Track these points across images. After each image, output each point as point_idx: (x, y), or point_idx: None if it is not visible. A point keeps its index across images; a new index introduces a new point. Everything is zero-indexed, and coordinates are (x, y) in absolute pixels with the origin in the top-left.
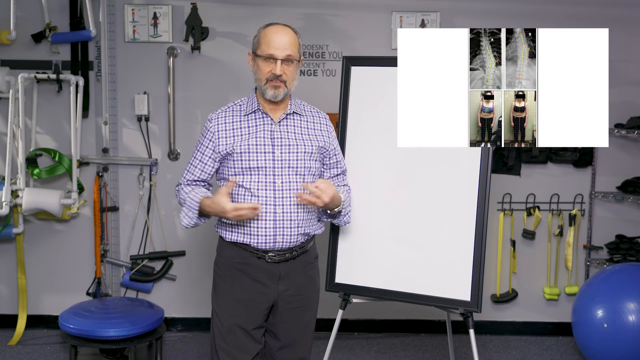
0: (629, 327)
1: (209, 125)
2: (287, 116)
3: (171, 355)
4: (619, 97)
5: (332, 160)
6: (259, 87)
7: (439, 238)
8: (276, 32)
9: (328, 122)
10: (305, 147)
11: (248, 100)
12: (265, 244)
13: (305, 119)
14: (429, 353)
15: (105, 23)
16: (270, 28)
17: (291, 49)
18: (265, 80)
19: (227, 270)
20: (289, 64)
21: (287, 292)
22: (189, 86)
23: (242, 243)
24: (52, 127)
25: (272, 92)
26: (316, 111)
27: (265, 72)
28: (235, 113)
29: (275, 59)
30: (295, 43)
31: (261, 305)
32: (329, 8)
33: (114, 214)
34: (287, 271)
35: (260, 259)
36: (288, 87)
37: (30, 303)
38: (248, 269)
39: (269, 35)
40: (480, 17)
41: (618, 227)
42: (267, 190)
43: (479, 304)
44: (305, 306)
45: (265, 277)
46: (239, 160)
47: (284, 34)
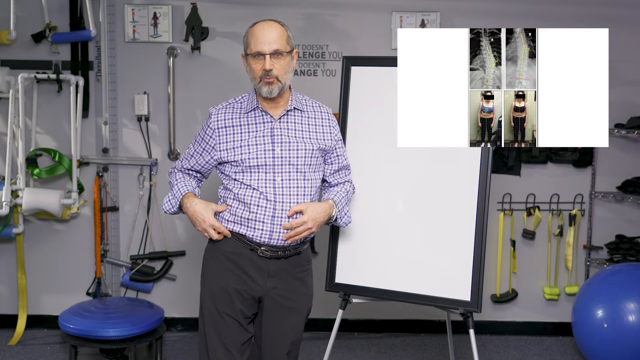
0: (629, 327)
1: (209, 121)
2: (288, 112)
3: (171, 355)
4: (619, 97)
5: (332, 155)
6: (255, 87)
7: (439, 238)
8: (262, 28)
9: (331, 116)
10: (305, 145)
11: (249, 98)
12: (261, 237)
13: (307, 115)
14: (429, 353)
15: (105, 23)
16: (255, 26)
17: (278, 42)
18: (259, 78)
19: (216, 258)
20: (278, 58)
21: (274, 290)
22: (189, 86)
23: (237, 233)
24: (52, 127)
25: (266, 88)
26: (318, 106)
27: (257, 70)
28: (235, 110)
29: (263, 55)
30: (283, 36)
31: (248, 299)
32: (329, 8)
33: (114, 214)
34: (277, 269)
35: (252, 250)
36: (282, 82)
37: (30, 303)
38: (238, 259)
39: (255, 32)
40: (480, 17)
41: (618, 227)
42: (267, 187)
43: (479, 304)
44: (292, 309)
45: (254, 271)
46: (239, 158)
47: (269, 29)
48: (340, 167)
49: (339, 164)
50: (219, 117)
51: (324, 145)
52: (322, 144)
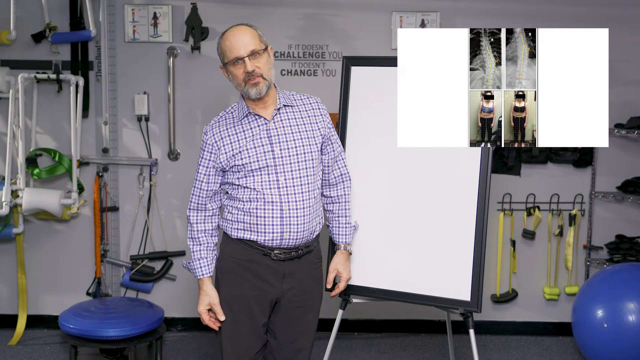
0: (629, 327)
1: (205, 138)
2: (279, 110)
3: (171, 355)
4: (619, 97)
5: (328, 143)
6: (242, 91)
7: (439, 238)
8: (233, 35)
9: (320, 105)
10: (302, 141)
11: (238, 106)
12: (272, 241)
13: (298, 109)
14: (429, 353)
15: (105, 23)
16: (225, 35)
17: (253, 42)
18: (243, 82)
19: (230, 266)
20: (256, 58)
21: (290, 291)
22: (189, 86)
23: (248, 240)
24: (52, 127)
25: (254, 89)
26: (306, 97)
27: (240, 75)
28: (228, 121)
29: (241, 59)
30: (255, 35)
31: (264, 303)
32: (329, 8)
33: (114, 214)
34: (292, 270)
35: (265, 256)
36: (267, 79)
37: (30, 303)
38: (253, 266)
39: (227, 41)
40: (480, 17)
41: (618, 227)
42: (271, 189)
43: (479, 304)
44: (308, 306)
45: (270, 275)
46: (241, 164)
47: (240, 33)
48: (336, 155)
49: (334, 151)
50: (214, 132)
51: (320, 135)
52: (317, 135)
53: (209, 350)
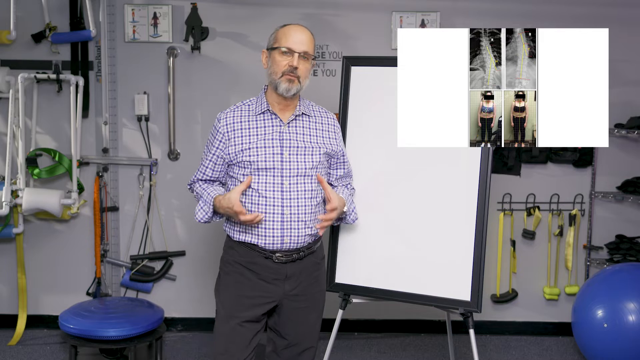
0: (629, 327)
1: (218, 125)
2: (296, 117)
3: (171, 355)
4: (619, 97)
5: (339, 161)
6: (273, 82)
7: (439, 238)
8: (295, 29)
9: (335, 122)
10: (312, 150)
11: (257, 100)
12: (273, 244)
13: (314, 121)
14: (429, 353)
15: (105, 23)
16: (289, 26)
17: (308, 46)
18: (281, 73)
19: (233, 268)
20: (304, 60)
21: (292, 291)
22: (189, 86)
23: (250, 243)
24: (52, 127)
25: (286, 85)
26: (324, 111)
27: (282, 65)
28: (244, 113)
29: (293, 52)
30: (312, 42)
31: (266, 305)
32: (329, 8)
33: (114, 214)
34: (294, 271)
35: (267, 259)
36: (301, 84)
37: (30, 303)
38: (255, 267)
39: (289, 31)
40: (480, 17)
41: (618, 227)
42: (274, 192)
43: (479, 304)
44: (311, 306)
45: (272, 276)
46: (248, 160)
47: (303, 32)
48: (345, 174)
49: (344, 170)
50: (227, 121)
51: (330, 150)
52: (328, 148)
53: (209, 350)
